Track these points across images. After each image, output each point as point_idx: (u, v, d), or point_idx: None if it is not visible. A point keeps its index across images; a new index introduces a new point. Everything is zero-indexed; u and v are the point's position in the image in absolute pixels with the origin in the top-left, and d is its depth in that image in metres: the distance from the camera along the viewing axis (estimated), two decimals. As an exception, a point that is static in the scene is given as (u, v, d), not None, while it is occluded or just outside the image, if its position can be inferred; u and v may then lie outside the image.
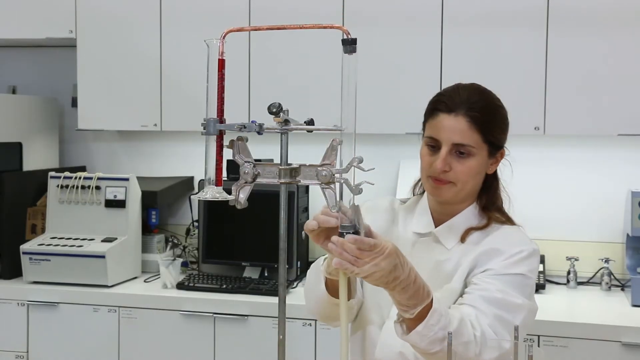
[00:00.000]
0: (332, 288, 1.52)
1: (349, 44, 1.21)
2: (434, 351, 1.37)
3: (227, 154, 1.27)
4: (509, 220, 1.68)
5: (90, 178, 3.16)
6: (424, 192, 1.72)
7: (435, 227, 1.67)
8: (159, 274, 3.08)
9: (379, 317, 1.65)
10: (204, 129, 1.23)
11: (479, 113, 1.57)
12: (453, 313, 1.43)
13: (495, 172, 1.69)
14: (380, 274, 1.27)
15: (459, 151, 1.57)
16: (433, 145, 1.60)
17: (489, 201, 1.67)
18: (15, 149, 3.34)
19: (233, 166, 1.28)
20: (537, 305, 1.60)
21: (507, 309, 1.49)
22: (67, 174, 3.19)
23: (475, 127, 1.57)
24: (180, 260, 3.13)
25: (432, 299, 1.36)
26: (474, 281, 1.55)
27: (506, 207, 1.70)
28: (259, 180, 1.28)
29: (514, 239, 1.61)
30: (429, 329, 1.35)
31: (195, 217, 3.42)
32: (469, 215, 1.65)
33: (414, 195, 1.78)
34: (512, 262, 1.56)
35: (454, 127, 1.56)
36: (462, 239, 1.63)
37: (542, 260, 3.04)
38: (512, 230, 1.65)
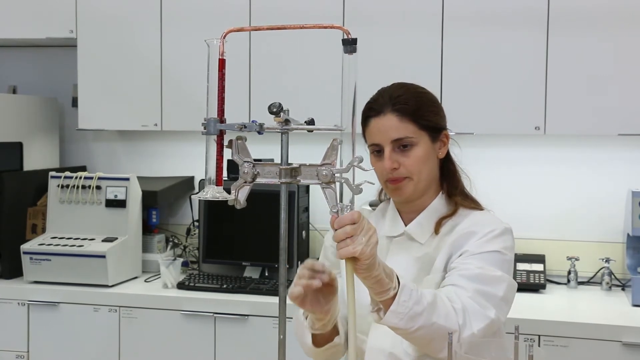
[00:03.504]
0: (319, 340, 1.60)
1: (349, 44, 1.22)
2: (416, 328, 1.39)
3: (228, 154, 1.27)
4: (475, 203, 1.71)
5: (91, 178, 3.16)
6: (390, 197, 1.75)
7: (406, 226, 1.69)
8: (159, 274, 3.09)
9: (367, 327, 1.67)
10: (205, 128, 1.23)
11: (405, 104, 1.62)
12: (426, 290, 1.45)
13: (449, 156, 1.72)
14: (374, 240, 1.29)
15: (402, 145, 1.62)
16: (378, 150, 1.64)
17: (451, 186, 1.71)
18: (15, 149, 3.34)
19: (233, 166, 1.28)
20: (516, 283, 1.62)
21: (487, 282, 1.52)
22: (67, 173, 3.19)
23: (405, 117, 1.61)
24: (181, 260, 3.13)
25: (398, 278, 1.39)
26: (452, 266, 1.59)
27: (468, 187, 1.73)
28: (260, 180, 1.28)
29: (484, 221, 1.65)
30: (403, 306, 1.37)
31: (196, 217, 3.42)
32: (437, 206, 1.69)
33: (380, 201, 1.82)
34: (486, 241, 1.59)
35: (387, 125, 1.61)
36: (436, 230, 1.66)
37: (543, 260, 3.05)
38: (481, 215, 1.68)
